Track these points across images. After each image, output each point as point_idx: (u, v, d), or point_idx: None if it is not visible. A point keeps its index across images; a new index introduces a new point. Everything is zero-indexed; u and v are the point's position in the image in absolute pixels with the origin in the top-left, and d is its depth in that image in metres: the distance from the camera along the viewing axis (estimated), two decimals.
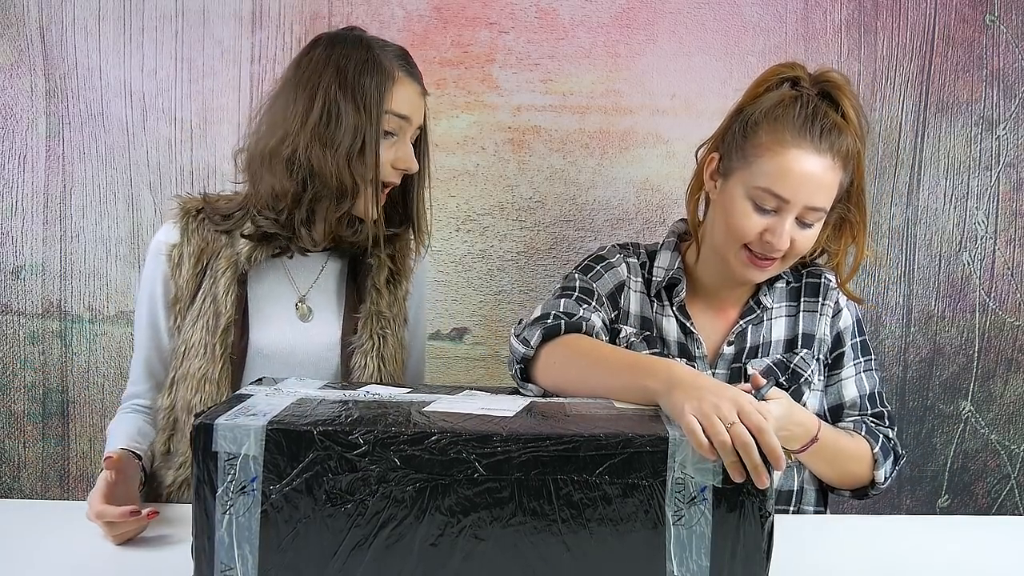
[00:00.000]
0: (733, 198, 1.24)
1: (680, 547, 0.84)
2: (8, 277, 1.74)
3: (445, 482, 0.83)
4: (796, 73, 1.26)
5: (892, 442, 1.32)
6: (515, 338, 1.19)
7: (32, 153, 1.72)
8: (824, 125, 1.20)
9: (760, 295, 1.34)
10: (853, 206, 1.29)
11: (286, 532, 0.84)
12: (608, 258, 1.36)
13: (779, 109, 1.22)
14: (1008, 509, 1.87)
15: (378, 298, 1.35)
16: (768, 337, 1.33)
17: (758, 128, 1.22)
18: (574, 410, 0.94)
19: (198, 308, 1.29)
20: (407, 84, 1.29)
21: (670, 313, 1.33)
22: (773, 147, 1.20)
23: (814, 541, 1.16)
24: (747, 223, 1.22)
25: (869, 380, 1.34)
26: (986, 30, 1.76)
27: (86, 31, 1.70)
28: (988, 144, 1.79)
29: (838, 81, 1.25)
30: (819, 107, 1.22)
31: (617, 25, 1.74)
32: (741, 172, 1.23)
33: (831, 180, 1.21)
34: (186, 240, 1.31)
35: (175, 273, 1.31)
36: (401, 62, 1.29)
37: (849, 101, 1.24)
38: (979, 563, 1.10)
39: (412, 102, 1.29)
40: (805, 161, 1.19)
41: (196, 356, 1.27)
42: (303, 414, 0.88)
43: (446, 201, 1.76)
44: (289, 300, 1.34)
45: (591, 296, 1.30)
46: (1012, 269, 1.82)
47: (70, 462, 1.78)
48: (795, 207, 1.20)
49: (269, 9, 1.71)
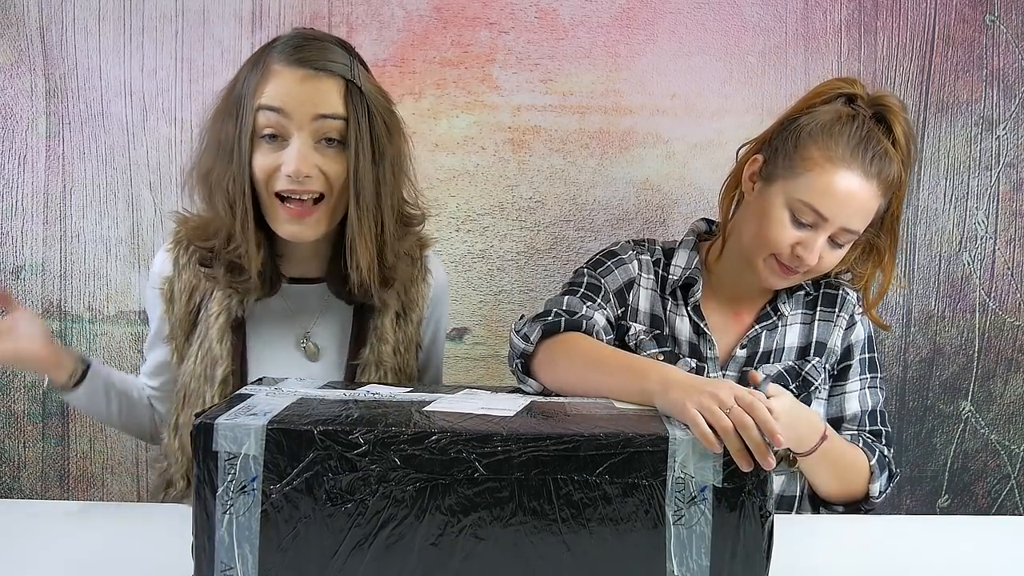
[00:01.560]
0: (772, 205, 1.22)
1: (680, 547, 0.84)
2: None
3: (445, 482, 0.83)
4: (855, 90, 1.25)
5: (887, 459, 1.30)
6: (515, 334, 1.19)
7: (32, 153, 1.72)
8: (876, 151, 1.20)
9: (778, 302, 1.33)
10: (885, 233, 1.28)
11: (286, 532, 0.84)
12: (620, 254, 1.35)
13: (835, 126, 1.21)
14: (1008, 509, 1.87)
15: (380, 345, 1.23)
16: (781, 343, 1.32)
17: (810, 141, 1.21)
18: (574, 410, 0.94)
19: (195, 353, 1.20)
20: (285, 71, 1.08)
21: (684, 313, 1.32)
22: (823, 163, 1.19)
23: (814, 541, 1.16)
24: (782, 233, 1.21)
25: (872, 397, 1.34)
26: (986, 30, 1.76)
27: (86, 31, 1.70)
28: (988, 144, 1.79)
29: (894, 106, 1.23)
30: (873, 131, 1.21)
31: (617, 25, 1.74)
32: (785, 181, 1.22)
33: (872, 206, 1.21)
34: (177, 275, 1.22)
35: (168, 309, 1.23)
36: (283, 53, 1.09)
37: (902, 127, 1.22)
38: (979, 563, 1.10)
39: (288, 91, 1.07)
40: (852, 183, 1.18)
41: (197, 406, 1.18)
42: (303, 414, 0.88)
43: (446, 201, 1.76)
44: (291, 339, 1.24)
45: (597, 293, 1.30)
46: (1012, 269, 1.82)
47: (70, 462, 1.78)
48: (832, 226, 1.20)
49: (269, 9, 1.71)
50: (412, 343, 1.29)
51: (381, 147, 1.13)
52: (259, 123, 1.08)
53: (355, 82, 1.11)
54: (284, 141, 1.09)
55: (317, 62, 1.09)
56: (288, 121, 1.08)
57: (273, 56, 1.10)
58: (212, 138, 1.14)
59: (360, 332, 1.24)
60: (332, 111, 1.09)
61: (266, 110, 1.08)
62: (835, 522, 1.26)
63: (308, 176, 1.09)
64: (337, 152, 1.11)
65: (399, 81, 1.71)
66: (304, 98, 1.07)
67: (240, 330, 1.21)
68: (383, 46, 1.72)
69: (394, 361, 1.24)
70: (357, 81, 1.11)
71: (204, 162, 1.15)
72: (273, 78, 1.09)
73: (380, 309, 1.23)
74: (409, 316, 1.27)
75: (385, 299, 1.22)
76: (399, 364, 1.25)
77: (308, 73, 1.08)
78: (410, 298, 1.27)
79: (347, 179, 1.11)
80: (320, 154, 1.10)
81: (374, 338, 1.23)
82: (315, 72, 1.08)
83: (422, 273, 1.30)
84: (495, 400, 0.97)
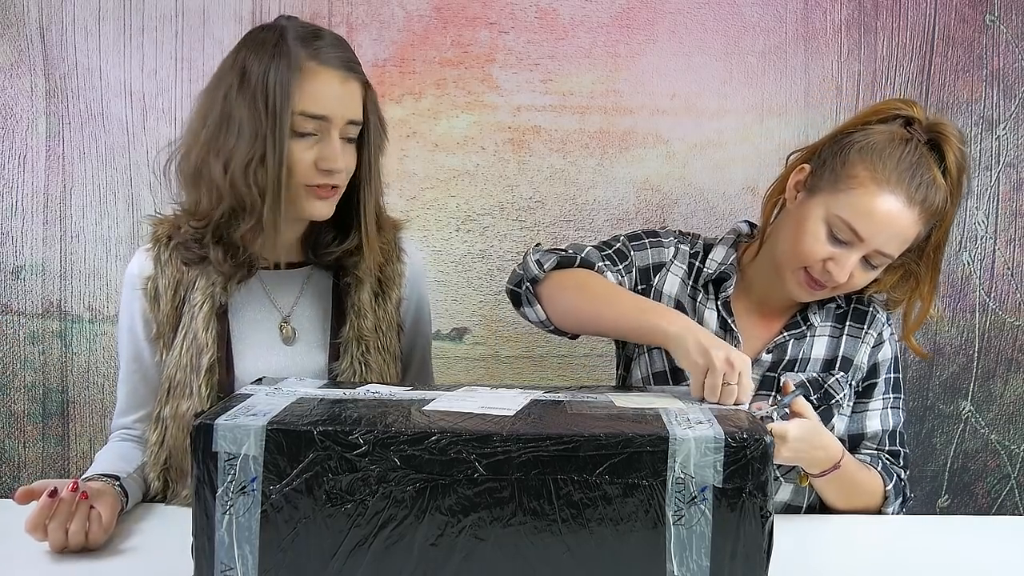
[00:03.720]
0: (810, 217, 1.21)
1: (680, 547, 0.84)
2: (8, 277, 1.74)
3: (445, 482, 0.83)
4: (913, 113, 1.23)
5: (903, 483, 1.30)
6: (530, 256, 1.24)
7: (32, 153, 1.72)
8: (925, 179, 1.18)
9: (809, 312, 1.32)
10: (925, 261, 1.27)
11: (286, 532, 0.84)
12: (660, 236, 1.37)
13: (887, 147, 1.19)
14: (1008, 509, 1.87)
15: (359, 320, 1.26)
16: (808, 354, 1.31)
17: (859, 158, 1.19)
18: (574, 409, 0.94)
19: (180, 344, 1.22)
20: (320, 75, 1.13)
21: (714, 307, 1.32)
22: (867, 184, 1.18)
23: (814, 541, 1.16)
24: (816, 248, 1.20)
25: (894, 417, 1.33)
26: (986, 30, 1.76)
27: (86, 31, 1.70)
28: (988, 144, 1.79)
29: (951, 135, 1.21)
30: (925, 157, 1.19)
31: (617, 25, 1.74)
32: (827, 195, 1.21)
33: (910, 233, 1.20)
34: (160, 271, 1.23)
35: (153, 307, 1.23)
36: (313, 49, 1.14)
37: (955, 157, 1.21)
38: (979, 563, 1.10)
39: (329, 97, 1.14)
40: (893, 207, 1.17)
41: (183, 396, 1.20)
42: (303, 414, 0.88)
43: (446, 201, 1.76)
44: (272, 323, 1.27)
45: (622, 259, 1.32)
46: (1012, 269, 1.82)
47: (70, 462, 1.78)
48: (867, 247, 1.19)
49: (269, 9, 1.70)
50: (393, 323, 1.32)
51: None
52: (297, 124, 1.13)
53: (370, 83, 1.21)
54: (315, 135, 1.15)
55: (352, 64, 1.17)
56: (328, 124, 1.15)
57: (304, 53, 1.14)
58: (219, 113, 1.14)
59: (339, 310, 1.28)
60: (359, 117, 1.18)
61: (308, 116, 1.13)
62: (835, 522, 1.26)
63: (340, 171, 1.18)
64: (351, 147, 1.20)
65: (399, 81, 1.71)
66: (342, 103, 1.15)
67: (224, 318, 1.23)
68: (383, 46, 1.72)
69: (375, 338, 1.27)
70: (369, 82, 1.21)
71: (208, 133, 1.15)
72: (312, 80, 1.13)
73: (356, 285, 1.27)
74: (388, 295, 1.31)
75: (359, 275, 1.27)
76: (381, 342, 1.28)
77: (343, 75, 1.15)
78: (386, 276, 1.31)
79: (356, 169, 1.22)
80: (344, 150, 1.18)
81: (353, 314, 1.26)
82: (346, 75, 1.16)
83: (396, 252, 1.34)
84: (495, 398, 0.97)
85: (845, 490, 1.24)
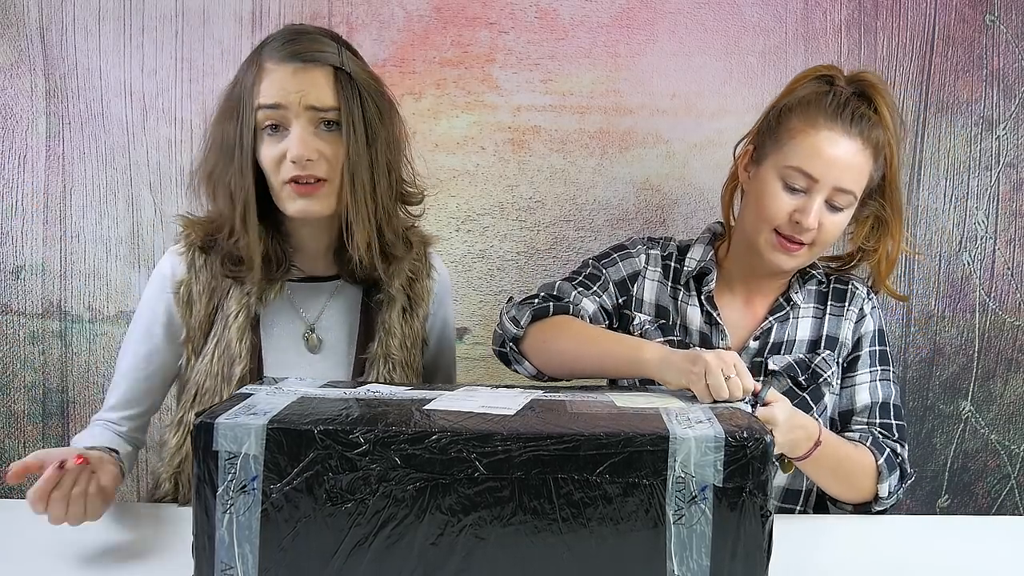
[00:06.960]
0: (765, 181, 1.26)
1: (680, 546, 0.84)
2: (8, 277, 1.74)
3: (445, 481, 0.83)
4: (832, 73, 1.30)
5: (900, 458, 1.29)
6: (505, 316, 1.26)
7: (32, 153, 1.72)
8: (856, 112, 1.24)
9: (791, 292, 1.35)
10: (886, 201, 1.31)
11: (286, 531, 0.84)
12: (628, 248, 1.40)
13: (814, 98, 1.26)
14: (1008, 509, 1.87)
15: (388, 339, 1.25)
16: (793, 335, 1.34)
17: (791, 114, 1.26)
18: (575, 408, 0.94)
19: (211, 352, 1.21)
20: (273, 70, 1.13)
21: (696, 303, 1.34)
22: (805, 129, 1.24)
23: (814, 541, 1.16)
24: (777, 203, 1.24)
25: (884, 389, 1.33)
26: (986, 30, 1.76)
27: (86, 31, 1.70)
28: (988, 144, 1.79)
29: (873, 80, 1.28)
30: (851, 99, 1.25)
31: (617, 25, 1.74)
32: (773, 156, 1.26)
33: (860, 163, 1.24)
34: (194, 277, 1.22)
35: (185, 312, 1.22)
36: (271, 49, 1.14)
37: (883, 100, 1.27)
38: (979, 563, 1.10)
39: (280, 86, 1.12)
40: (835, 142, 1.22)
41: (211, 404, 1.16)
42: (304, 413, 0.88)
43: (446, 201, 1.76)
44: (297, 331, 1.26)
45: (595, 282, 1.34)
46: (1012, 269, 1.82)
47: None
48: (824, 187, 1.22)
49: (269, 9, 1.71)
50: (418, 338, 1.31)
51: (374, 130, 1.17)
52: (259, 119, 1.13)
53: (344, 68, 1.15)
54: (285, 130, 1.14)
55: (306, 54, 1.13)
56: (286, 112, 1.13)
57: (265, 55, 1.15)
58: (215, 139, 1.19)
59: (368, 326, 1.27)
60: (324, 103, 1.13)
61: (264, 108, 1.13)
62: (835, 522, 1.26)
63: (310, 160, 1.13)
64: (336, 136, 1.15)
65: (399, 81, 1.71)
66: (297, 90, 1.12)
67: (256, 328, 1.23)
68: (383, 46, 1.72)
69: (401, 355, 1.27)
70: (346, 67, 1.15)
71: (208, 161, 1.19)
72: (267, 76, 1.13)
73: (387, 303, 1.26)
74: (415, 311, 1.30)
75: (392, 293, 1.26)
76: (405, 359, 1.28)
77: (298, 66, 1.12)
78: (416, 292, 1.31)
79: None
80: (320, 138, 1.14)
81: (382, 332, 1.26)
82: (304, 64, 1.13)
83: (427, 269, 1.34)
84: (496, 398, 0.97)
85: (832, 468, 1.23)
